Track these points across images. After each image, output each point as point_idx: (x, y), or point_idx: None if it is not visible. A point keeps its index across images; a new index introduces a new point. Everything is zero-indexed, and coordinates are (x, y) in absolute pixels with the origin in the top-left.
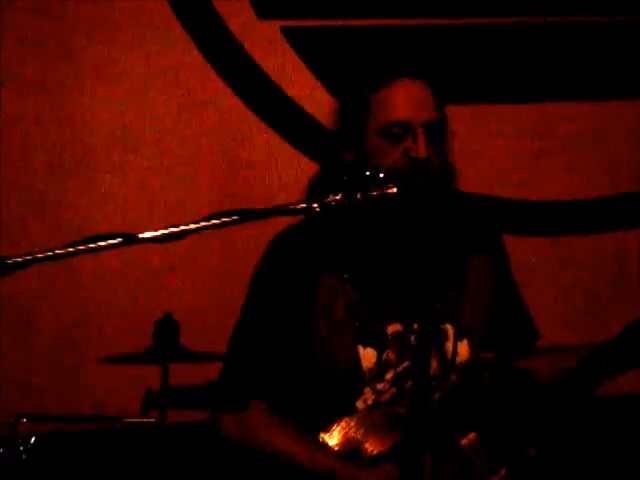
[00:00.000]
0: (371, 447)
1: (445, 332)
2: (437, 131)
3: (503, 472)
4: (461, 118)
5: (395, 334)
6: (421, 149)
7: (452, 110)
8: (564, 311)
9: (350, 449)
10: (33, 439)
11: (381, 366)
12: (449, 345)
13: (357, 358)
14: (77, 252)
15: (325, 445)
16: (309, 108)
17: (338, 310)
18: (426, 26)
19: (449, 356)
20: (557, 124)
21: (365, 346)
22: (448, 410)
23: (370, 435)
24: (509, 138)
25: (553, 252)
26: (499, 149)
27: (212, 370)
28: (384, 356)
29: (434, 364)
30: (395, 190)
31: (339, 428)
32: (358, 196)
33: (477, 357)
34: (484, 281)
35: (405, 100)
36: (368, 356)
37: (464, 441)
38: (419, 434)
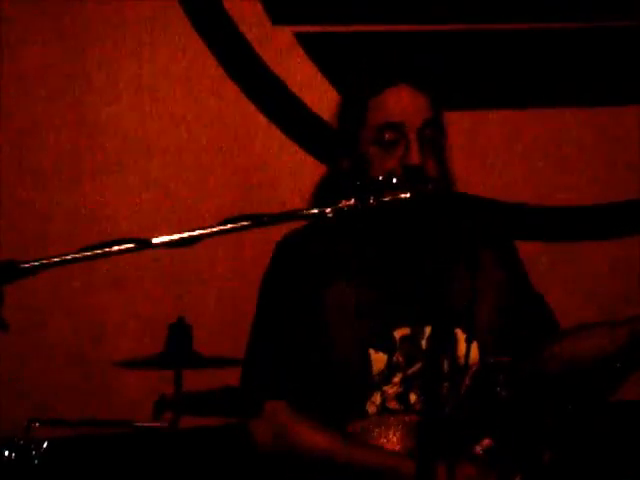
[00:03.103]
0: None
1: (455, 336)
2: (432, 135)
3: (518, 479)
4: (472, 124)
5: (404, 338)
6: (414, 155)
7: (462, 116)
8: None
9: None
10: (46, 444)
11: (390, 369)
12: (460, 348)
13: (368, 362)
14: (90, 257)
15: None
16: (325, 115)
17: (348, 312)
18: (441, 32)
19: (460, 359)
20: (570, 130)
21: (377, 350)
22: (462, 416)
23: (383, 442)
24: (521, 145)
25: (567, 259)
26: (511, 156)
27: (225, 376)
28: (394, 359)
29: (445, 367)
30: (408, 195)
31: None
32: (371, 201)
33: (492, 361)
34: (495, 281)
35: (397, 104)
36: (379, 360)
37: (478, 447)
38: (432, 440)
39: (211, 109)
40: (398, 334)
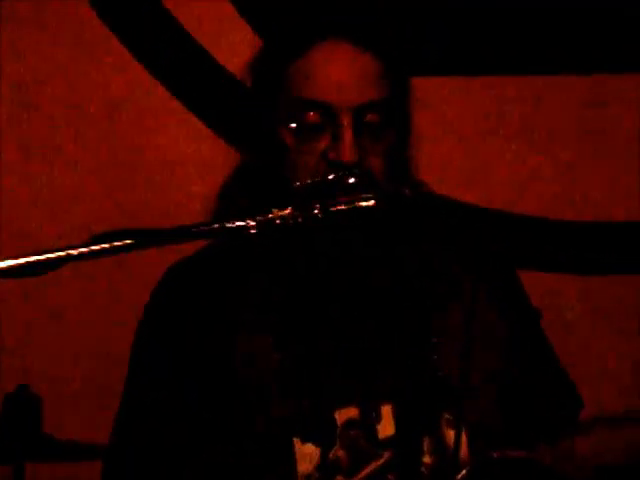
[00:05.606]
0: None
1: (439, 419)
2: (379, 121)
3: None
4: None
5: (349, 422)
6: (345, 149)
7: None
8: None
9: None
10: None
11: (324, 471)
12: (448, 436)
13: (291, 458)
14: None
15: None
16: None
17: (264, 380)
18: None
19: (447, 453)
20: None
21: (304, 441)
22: None
23: None
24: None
25: (603, 296)
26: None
27: (86, 470)
28: (331, 455)
29: (424, 465)
30: (372, 203)
31: None
32: (315, 211)
33: (495, 456)
34: (495, 338)
35: (326, 72)
36: (307, 455)
37: None
38: None
39: (88, 78)
40: (341, 416)
